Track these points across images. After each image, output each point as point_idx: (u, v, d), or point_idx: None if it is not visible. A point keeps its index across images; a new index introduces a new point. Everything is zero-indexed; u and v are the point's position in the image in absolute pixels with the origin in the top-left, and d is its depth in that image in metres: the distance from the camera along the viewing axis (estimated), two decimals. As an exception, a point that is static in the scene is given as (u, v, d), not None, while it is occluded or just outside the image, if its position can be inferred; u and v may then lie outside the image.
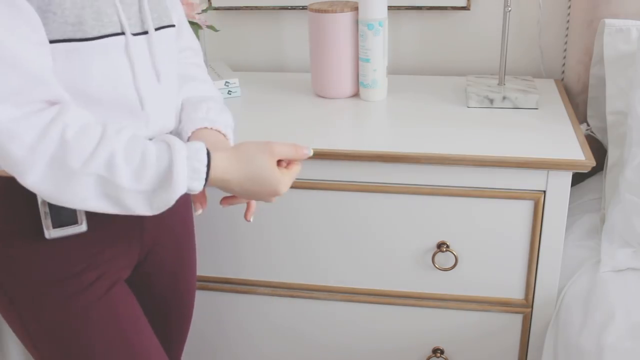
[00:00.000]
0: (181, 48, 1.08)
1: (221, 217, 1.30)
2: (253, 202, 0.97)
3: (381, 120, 1.34)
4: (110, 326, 0.90)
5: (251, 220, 0.97)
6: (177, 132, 0.98)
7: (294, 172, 0.90)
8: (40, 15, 0.75)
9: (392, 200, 1.21)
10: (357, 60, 1.41)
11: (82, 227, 0.86)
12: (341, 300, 1.33)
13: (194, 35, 1.11)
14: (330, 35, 1.37)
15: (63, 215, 0.84)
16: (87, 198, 0.77)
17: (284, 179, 0.88)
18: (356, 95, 1.45)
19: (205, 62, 1.47)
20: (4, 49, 0.71)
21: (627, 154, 1.19)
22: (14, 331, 0.93)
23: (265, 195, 0.88)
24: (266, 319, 1.39)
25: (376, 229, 1.25)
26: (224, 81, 1.45)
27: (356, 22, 1.38)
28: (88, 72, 0.80)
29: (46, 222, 0.84)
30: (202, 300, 1.39)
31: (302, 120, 1.33)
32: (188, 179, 0.80)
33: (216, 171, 0.83)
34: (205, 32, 1.51)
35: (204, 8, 1.45)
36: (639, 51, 1.21)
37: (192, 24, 1.37)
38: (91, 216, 0.86)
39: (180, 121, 0.98)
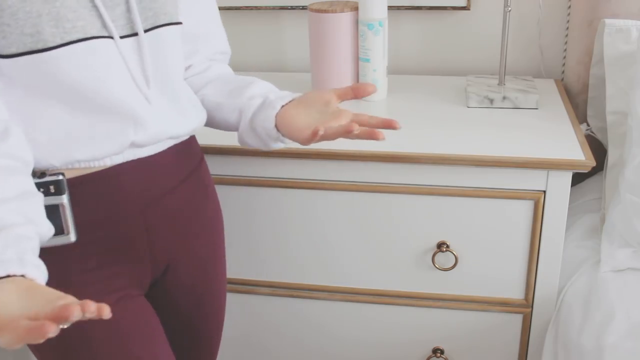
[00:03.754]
0: (214, 52, 1.03)
1: (221, 217, 1.30)
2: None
3: (381, 120, 1.34)
4: (111, 343, 0.85)
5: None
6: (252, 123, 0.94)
7: None
8: None
9: (392, 200, 1.21)
10: (357, 60, 1.41)
11: (70, 238, 0.82)
12: (341, 300, 1.33)
13: (224, 37, 1.06)
14: (330, 35, 1.37)
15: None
16: None
17: None
18: (356, 95, 1.45)
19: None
20: None
21: (627, 154, 1.19)
22: None
23: None
24: (265, 319, 1.39)
25: (376, 229, 1.25)
26: (224, 81, 1.44)
27: (356, 22, 1.38)
28: (60, 80, 0.76)
29: None
30: (202, 300, 1.39)
31: (302, 120, 1.33)
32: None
33: None
34: (205, 32, 1.51)
35: (204, 8, 1.45)
36: (639, 51, 1.21)
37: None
38: (86, 231, 0.84)
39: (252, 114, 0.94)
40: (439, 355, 1.33)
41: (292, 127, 0.88)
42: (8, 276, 0.65)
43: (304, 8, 1.59)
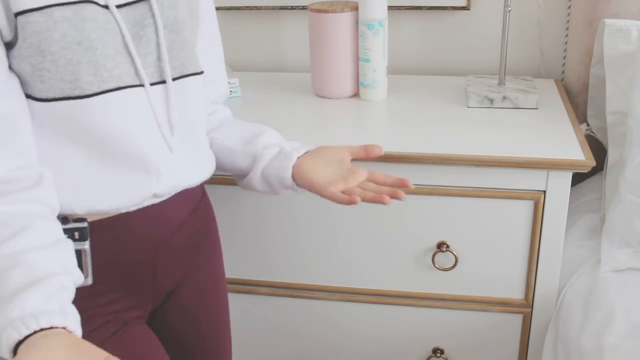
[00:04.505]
0: (218, 96, 1.05)
1: (220, 218, 1.30)
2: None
3: (381, 120, 1.34)
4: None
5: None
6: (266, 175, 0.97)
7: None
8: (35, 73, 0.74)
9: (393, 201, 1.21)
10: (357, 60, 1.41)
11: (88, 281, 0.83)
12: (341, 300, 1.33)
13: (226, 80, 1.09)
14: (330, 35, 1.37)
15: None
16: None
17: None
18: (356, 95, 1.45)
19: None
20: None
21: (627, 154, 1.19)
22: None
23: None
24: (266, 319, 1.39)
25: (376, 229, 1.25)
26: (224, 81, 1.45)
27: (356, 22, 1.38)
28: (90, 128, 0.77)
29: None
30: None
31: (302, 120, 1.33)
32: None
33: None
34: (205, 32, 1.51)
35: (204, 8, 1.45)
36: (639, 51, 1.21)
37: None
38: (100, 272, 0.85)
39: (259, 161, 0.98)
40: (439, 355, 1.33)
41: (311, 181, 0.93)
42: (51, 328, 0.65)
43: (304, 8, 1.59)
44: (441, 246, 1.23)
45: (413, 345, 1.34)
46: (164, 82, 0.83)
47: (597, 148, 1.41)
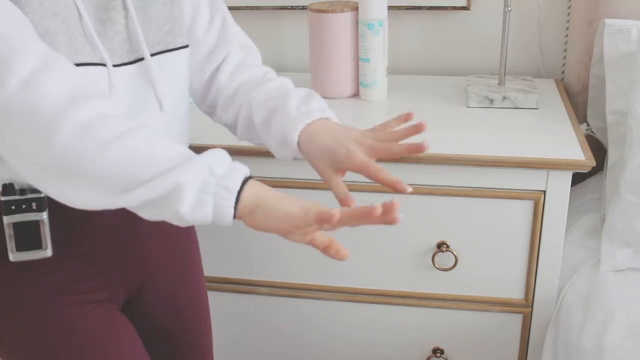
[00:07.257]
0: (229, 47, 1.04)
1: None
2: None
3: (381, 120, 1.33)
4: (92, 350, 0.85)
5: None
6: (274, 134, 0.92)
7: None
8: None
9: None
10: (357, 60, 1.41)
11: (47, 253, 0.82)
12: (341, 300, 1.33)
13: (241, 33, 1.05)
14: (330, 35, 1.37)
15: (26, 239, 0.81)
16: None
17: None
18: (356, 95, 1.45)
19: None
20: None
21: (627, 154, 1.19)
22: None
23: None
24: (266, 319, 1.39)
25: (376, 229, 1.24)
26: (224, 81, 1.44)
27: (356, 22, 1.38)
28: None
29: (10, 244, 0.81)
30: (202, 300, 1.39)
31: (302, 120, 1.33)
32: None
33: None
34: (205, 32, 1.51)
35: (204, 8, 1.45)
36: (639, 51, 1.21)
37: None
38: (62, 244, 0.83)
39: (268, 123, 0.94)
40: (439, 355, 1.33)
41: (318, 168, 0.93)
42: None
43: (304, 8, 1.59)
44: (441, 246, 1.23)
45: (413, 346, 1.34)
46: (141, 59, 0.83)
47: (597, 148, 1.41)
